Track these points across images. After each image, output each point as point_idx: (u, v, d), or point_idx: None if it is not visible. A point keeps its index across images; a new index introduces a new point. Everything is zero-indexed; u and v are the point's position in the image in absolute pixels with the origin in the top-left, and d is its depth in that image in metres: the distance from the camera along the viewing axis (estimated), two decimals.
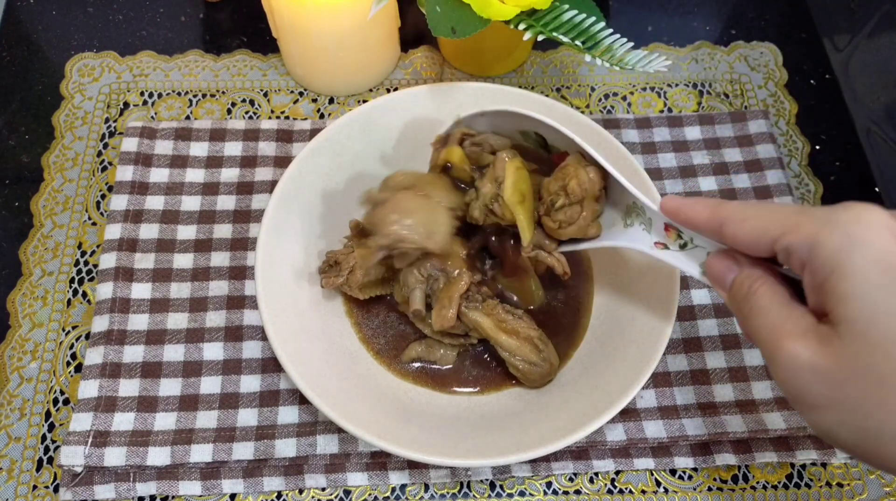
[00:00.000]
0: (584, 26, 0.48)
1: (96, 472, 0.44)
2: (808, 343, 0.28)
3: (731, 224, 0.32)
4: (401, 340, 0.49)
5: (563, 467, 0.46)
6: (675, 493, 0.46)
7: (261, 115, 0.59)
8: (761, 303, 0.31)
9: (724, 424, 0.46)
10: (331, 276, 0.47)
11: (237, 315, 0.50)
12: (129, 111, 0.59)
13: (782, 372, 0.29)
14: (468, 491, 0.46)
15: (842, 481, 0.46)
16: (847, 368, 0.27)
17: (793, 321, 0.30)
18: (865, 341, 0.27)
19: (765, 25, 0.64)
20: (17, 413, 0.48)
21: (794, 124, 0.60)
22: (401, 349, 0.48)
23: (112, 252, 0.50)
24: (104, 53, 0.62)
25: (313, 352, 0.45)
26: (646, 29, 0.64)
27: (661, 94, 0.61)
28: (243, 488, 0.45)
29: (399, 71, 0.61)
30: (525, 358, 0.44)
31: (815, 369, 0.28)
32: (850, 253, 0.27)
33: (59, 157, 0.57)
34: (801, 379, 0.28)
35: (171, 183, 0.54)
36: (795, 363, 0.28)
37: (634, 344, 0.45)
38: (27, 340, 0.50)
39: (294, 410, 0.47)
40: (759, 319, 0.31)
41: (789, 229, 0.30)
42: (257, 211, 0.53)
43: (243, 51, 0.62)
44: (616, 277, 0.49)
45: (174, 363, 0.48)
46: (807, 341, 0.28)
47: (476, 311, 0.45)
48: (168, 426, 0.46)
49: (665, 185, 0.55)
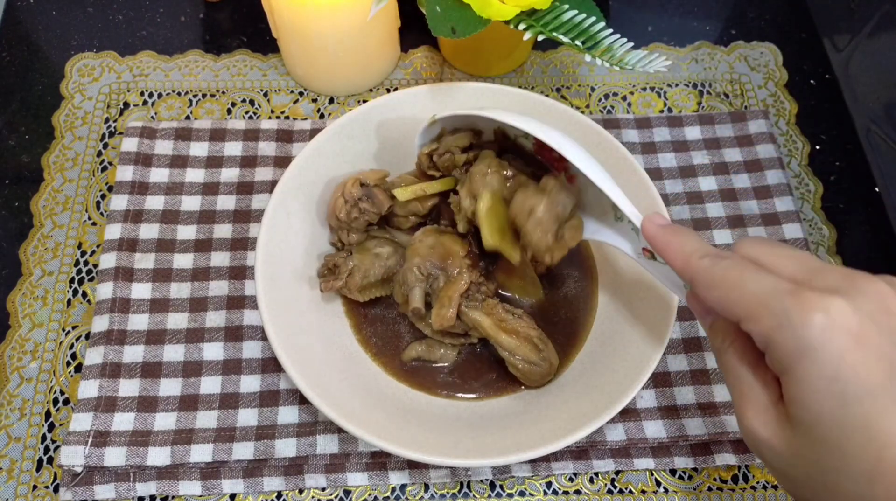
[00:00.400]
0: (584, 26, 0.48)
1: (96, 472, 0.44)
2: (767, 421, 0.31)
3: (700, 287, 0.33)
4: (400, 341, 0.48)
5: (563, 467, 0.46)
6: (675, 493, 0.46)
7: (261, 115, 0.59)
8: (731, 363, 0.33)
9: (724, 424, 0.46)
10: (330, 280, 0.47)
11: (237, 315, 0.50)
12: (129, 111, 0.59)
13: (745, 435, 0.32)
14: (468, 491, 0.46)
15: None
16: (796, 456, 0.30)
17: (756, 392, 0.31)
18: (811, 439, 0.29)
19: (765, 25, 0.64)
20: (17, 413, 0.48)
21: (794, 124, 0.60)
22: (400, 350, 0.48)
23: (112, 252, 0.50)
24: (104, 53, 0.62)
25: (313, 352, 0.45)
26: (646, 29, 0.64)
27: (661, 94, 0.60)
28: (243, 488, 0.45)
29: (399, 71, 0.61)
30: (525, 358, 0.44)
31: (772, 448, 0.31)
32: (799, 359, 0.28)
33: (59, 157, 0.57)
34: (760, 448, 0.31)
35: (171, 183, 0.54)
36: (755, 436, 0.31)
37: (634, 344, 0.45)
38: (27, 340, 0.50)
39: (294, 410, 0.47)
40: (728, 374, 0.33)
41: (750, 317, 0.30)
42: (257, 211, 0.53)
43: (243, 51, 0.62)
44: (616, 276, 0.49)
45: (174, 363, 0.48)
46: (766, 419, 0.31)
47: (476, 310, 0.45)
48: (168, 426, 0.46)
49: (665, 185, 0.55)
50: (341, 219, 0.48)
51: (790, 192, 0.55)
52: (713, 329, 0.34)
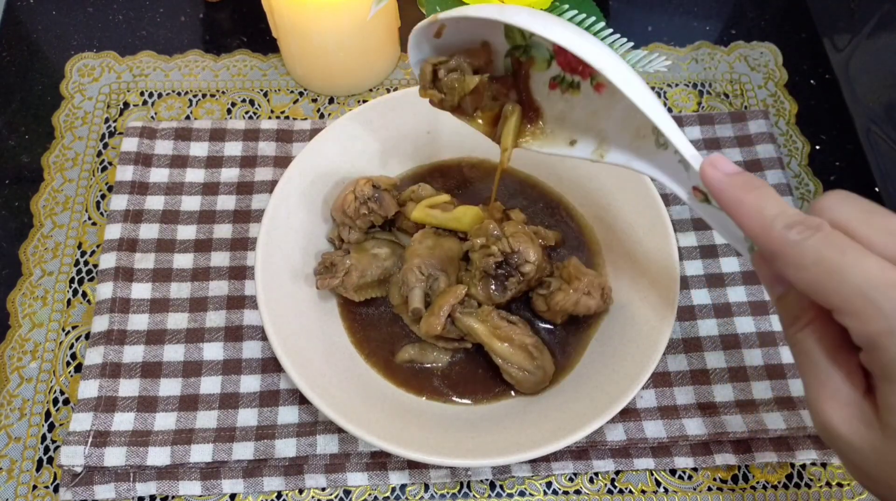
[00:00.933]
0: (584, 26, 0.48)
1: (96, 472, 0.44)
2: (850, 417, 0.27)
3: (783, 264, 0.28)
4: (393, 344, 0.48)
5: (563, 467, 0.46)
6: (675, 493, 0.46)
7: (261, 115, 0.59)
8: (806, 345, 0.29)
9: (724, 424, 0.46)
10: (326, 278, 0.47)
11: (237, 315, 0.50)
12: (129, 111, 0.59)
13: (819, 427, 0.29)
14: (468, 491, 0.46)
15: (842, 481, 0.46)
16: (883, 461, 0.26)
17: (836, 382, 0.28)
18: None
19: (765, 25, 0.64)
20: (17, 413, 0.48)
21: (794, 124, 0.60)
22: (393, 353, 0.48)
23: (112, 252, 0.50)
24: (104, 53, 0.62)
25: (313, 352, 0.45)
26: (646, 29, 0.64)
27: (661, 94, 0.60)
28: (243, 488, 0.45)
29: (399, 71, 0.61)
30: (519, 366, 0.44)
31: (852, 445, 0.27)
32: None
33: (59, 157, 0.57)
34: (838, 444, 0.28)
35: (171, 183, 0.54)
36: (833, 430, 0.28)
37: (634, 344, 0.45)
38: (27, 340, 0.50)
39: (294, 410, 0.47)
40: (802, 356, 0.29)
41: (851, 313, 0.26)
42: (257, 211, 0.53)
43: (243, 51, 0.62)
44: (616, 276, 0.49)
45: (174, 363, 0.48)
46: (848, 414, 0.27)
47: (470, 317, 0.45)
48: (168, 426, 0.46)
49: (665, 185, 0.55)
50: (348, 215, 0.48)
51: (790, 192, 0.55)
52: (784, 302, 0.30)
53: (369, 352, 0.48)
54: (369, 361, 0.47)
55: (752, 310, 0.50)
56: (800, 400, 0.47)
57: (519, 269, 0.45)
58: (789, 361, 0.48)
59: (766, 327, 0.49)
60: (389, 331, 0.49)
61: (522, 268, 0.45)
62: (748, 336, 0.49)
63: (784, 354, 0.48)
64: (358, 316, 0.49)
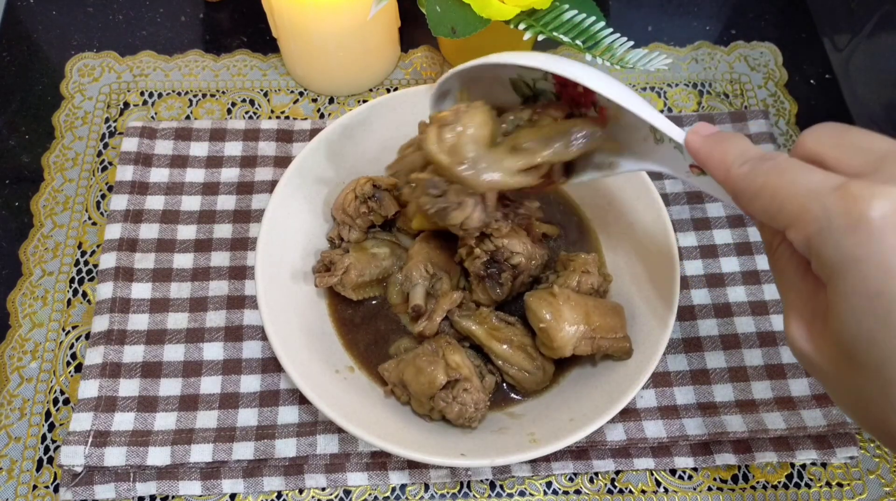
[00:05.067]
0: (584, 26, 0.48)
1: (96, 472, 0.44)
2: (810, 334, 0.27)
3: (742, 201, 0.28)
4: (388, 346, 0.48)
5: (563, 467, 0.46)
6: (675, 493, 0.46)
7: (261, 115, 0.59)
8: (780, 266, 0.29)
9: (724, 424, 0.46)
10: (325, 276, 0.47)
11: (237, 315, 0.50)
12: (129, 111, 0.59)
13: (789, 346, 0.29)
14: (468, 491, 0.46)
15: (842, 481, 0.46)
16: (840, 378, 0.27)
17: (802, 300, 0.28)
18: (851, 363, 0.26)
19: (765, 25, 0.64)
20: (17, 413, 0.48)
21: (794, 124, 0.60)
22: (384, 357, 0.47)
23: (112, 252, 0.50)
24: (104, 53, 0.62)
25: (313, 353, 0.45)
26: (646, 29, 0.64)
27: (661, 94, 0.60)
28: (243, 488, 0.45)
29: (399, 71, 0.61)
30: (519, 366, 0.44)
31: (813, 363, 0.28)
32: (840, 270, 0.24)
33: (59, 157, 0.57)
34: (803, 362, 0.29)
35: (171, 183, 0.54)
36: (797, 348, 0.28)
37: (634, 343, 0.45)
38: (27, 340, 0.50)
39: (294, 410, 0.47)
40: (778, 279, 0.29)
41: (790, 224, 0.26)
42: (257, 211, 0.53)
43: (243, 51, 0.62)
44: (616, 276, 0.49)
45: (174, 363, 0.48)
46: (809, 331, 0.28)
47: (468, 319, 0.45)
48: (168, 426, 0.46)
49: (665, 185, 0.55)
50: (348, 213, 0.48)
51: None
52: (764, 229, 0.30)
53: (360, 355, 0.47)
54: (357, 362, 0.47)
55: (752, 310, 0.50)
56: (800, 400, 0.47)
57: (509, 262, 0.45)
58: (789, 361, 0.48)
59: (766, 327, 0.49)
60: (381, 335, 0.48)
61: (512, 260, 0.45)
62: (748, 336, 0.49)
63: (784, 354, 0.48)
64: (349, 320, 0.49)
